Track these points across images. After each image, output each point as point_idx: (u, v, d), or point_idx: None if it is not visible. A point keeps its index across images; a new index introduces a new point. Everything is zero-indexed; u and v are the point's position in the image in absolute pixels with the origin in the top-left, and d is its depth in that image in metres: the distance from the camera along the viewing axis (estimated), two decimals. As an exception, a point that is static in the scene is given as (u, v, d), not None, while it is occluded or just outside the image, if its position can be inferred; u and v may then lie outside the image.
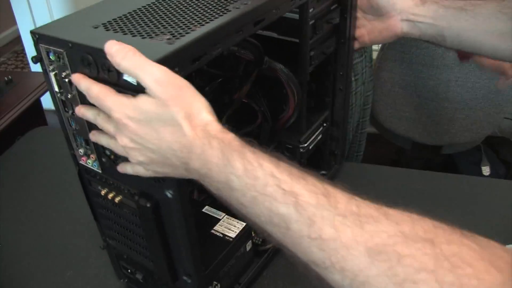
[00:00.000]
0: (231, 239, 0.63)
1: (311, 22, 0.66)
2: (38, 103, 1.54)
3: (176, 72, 0.40)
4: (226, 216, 0.67)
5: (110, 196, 0.55)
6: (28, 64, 2.38)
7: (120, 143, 0.42)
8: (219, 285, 0.62)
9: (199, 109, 0.38)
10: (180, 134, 0.37)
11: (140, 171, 0.45)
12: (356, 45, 0.79)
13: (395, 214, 0.32)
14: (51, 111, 1.01)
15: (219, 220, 0.66)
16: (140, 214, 0.52)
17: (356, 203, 0.33)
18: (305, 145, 0.76)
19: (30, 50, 2.30)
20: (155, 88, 0.38)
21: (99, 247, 0.66)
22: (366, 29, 0.78)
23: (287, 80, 0.68)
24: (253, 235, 0.69)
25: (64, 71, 0.48)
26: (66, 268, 0.75)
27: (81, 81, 0.44)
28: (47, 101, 2.30)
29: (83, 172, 0.58)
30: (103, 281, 0.72)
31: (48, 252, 0.78)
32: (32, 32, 0.48)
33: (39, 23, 2.20)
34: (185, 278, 0.56)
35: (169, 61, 0.40)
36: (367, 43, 0.79)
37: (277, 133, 0.75)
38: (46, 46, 0.48)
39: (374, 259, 0.29)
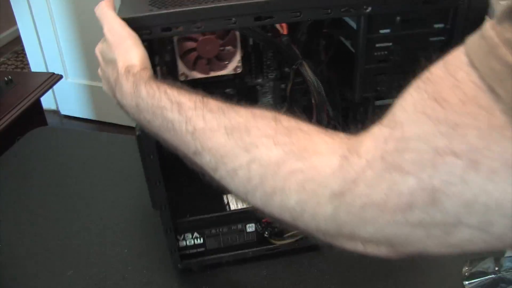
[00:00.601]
0: (227, 210, 0.67)
1: (385, 43, 0.56)
2: (38, 103, 1.55)
3: (147, 34, 0.50)
4: None
5: None
6: (28, 64, 2.38)
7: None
8: (201, 239, 0.69)
9: (132, 55, 0.47)
10: (115, 72, 0.47)
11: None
12: None
13: (254, 108, 0.40)
14: (51, 111, 1.01)
15: None
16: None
17: (226, 104, 0.41)
18: None
19: (30, 50, 2.30)
20: (106, 34, 0.49)
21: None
22: None
23: (312, 88, 0.65)
24: (261, 222, 0.71)
25: None
26: (66, 268, 0.75)
27: None
28: (47, 101, 2.30)
29: None
30: (104, 280, 0.72)
31: (48, 252, 0.78)
32: None
33: (39, 23, 2.20)
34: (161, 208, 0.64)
35: (137, 22, 0.49)
36: None
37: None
38: None
39: (230, 135, 0.37)
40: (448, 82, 0.25)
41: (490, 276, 0.68)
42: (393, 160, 0.27)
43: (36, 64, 2.33)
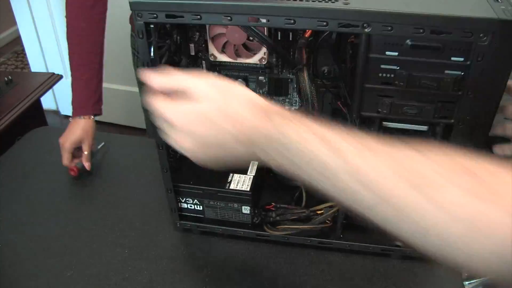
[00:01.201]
0: (226, 187, 0.73)
1: (390, 66, 0.54)
2: (38, 103, 1.54)
3: (153, 18, 0.54)
4: (252, 176, 0.74)
5: None
6: (28, 64, 2.38)
7: (177, 142, 0.45)
8: (201, 206, 0.76)
9: (252, 95, 0.44)
10: (247, 120, 0.42)
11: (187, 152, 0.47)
12: None
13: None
14: (51, 111, 1.01)
15: (246, 173, 0.75)
16: None
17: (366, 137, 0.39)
18: None
19: (30, 50, 2.30)
20: (209, 92, 0.43)
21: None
22: None
23: (303, 96, 0.66)
24: (255, 208, 0.75)
25: None
26: (66, 268, 0.75)
27: None
28: (47, 101, 2.30)
29: None
30: (104, 280, 0.72)
31: (48, 252, 0.78)
32: None
33: (39, 23, 2.20)
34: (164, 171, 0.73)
35: (145, 6, 0.55)
36: None
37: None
38: None
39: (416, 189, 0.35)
40: None
41: (490, 276, 0.68)
42: None
43: (36, 64, 2.33)
